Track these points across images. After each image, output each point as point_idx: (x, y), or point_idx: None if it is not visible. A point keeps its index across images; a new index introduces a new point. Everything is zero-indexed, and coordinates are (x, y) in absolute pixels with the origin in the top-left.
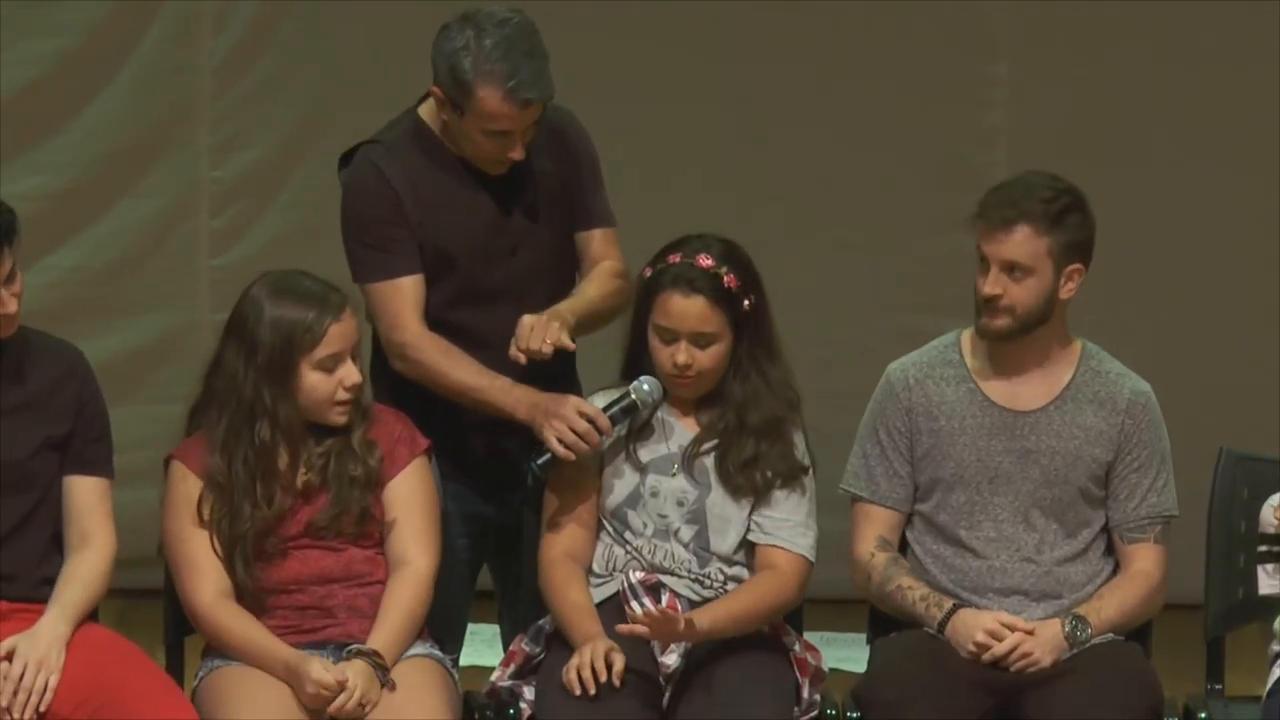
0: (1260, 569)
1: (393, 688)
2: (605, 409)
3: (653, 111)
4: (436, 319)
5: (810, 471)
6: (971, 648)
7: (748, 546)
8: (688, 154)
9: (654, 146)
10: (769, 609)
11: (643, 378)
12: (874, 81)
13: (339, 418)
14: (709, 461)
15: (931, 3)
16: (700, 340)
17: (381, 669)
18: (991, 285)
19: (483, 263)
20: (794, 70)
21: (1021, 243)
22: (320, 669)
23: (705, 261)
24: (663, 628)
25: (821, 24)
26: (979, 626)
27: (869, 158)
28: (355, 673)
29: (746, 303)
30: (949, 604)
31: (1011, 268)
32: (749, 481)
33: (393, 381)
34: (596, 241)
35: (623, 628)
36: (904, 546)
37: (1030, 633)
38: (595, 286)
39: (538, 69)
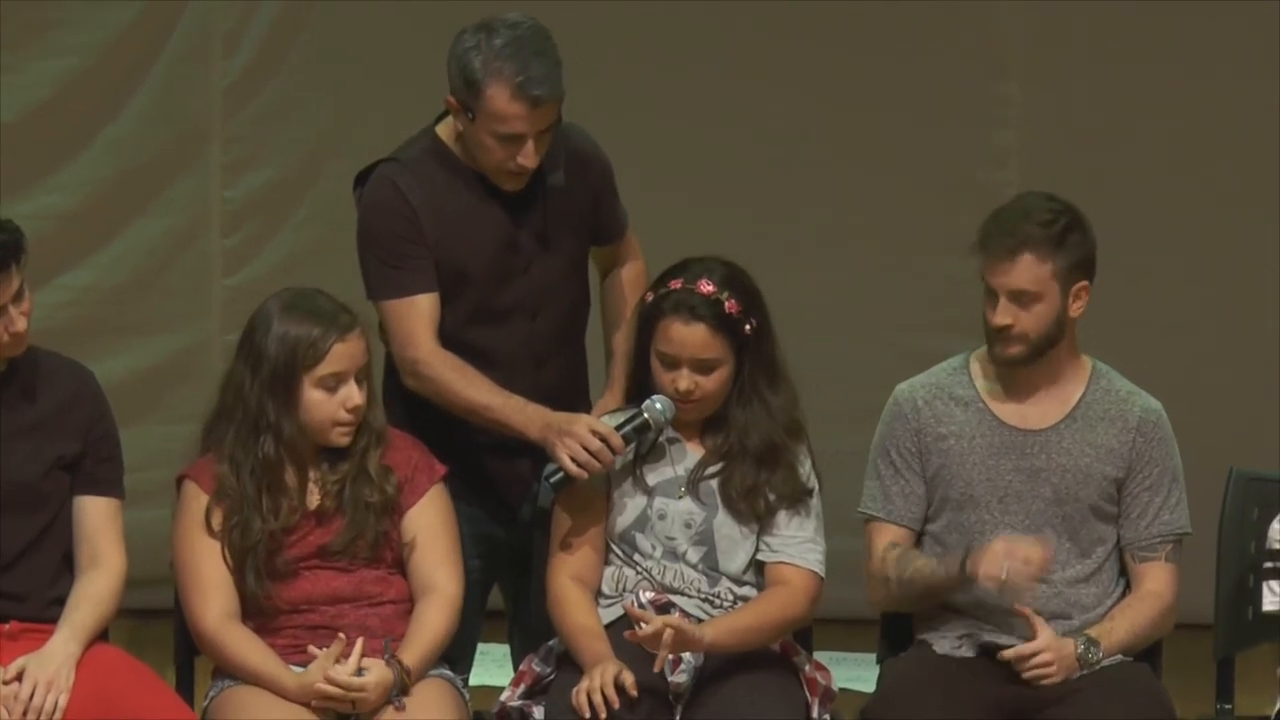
0: (1265, 585)
1: (400, 708)
2: (618, 428)
3: (666, 131)
4: (450, 338)
5: (815, 493)
6: (998, 574)
7: (757, 566)
8: (699, 173)
9: (666, 166)
10: (778, 623)
11: (655, 397)
12: (885, 101)
13: (341, 439)
14: (714, 484)
15: (942, 22)
16: (702, 366)
17: (403, 687)
18: (1001, 316)
19: (496, 281)
20: (805, 90)
21: (1026, 270)
22: (336, 672)
23: (706, 288)
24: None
25: (832, 44)
26: (997, 558)
27: (880, 178)
28: (377, 677)
29: (748, 327)
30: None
31: (1019, 296)
32: (752, 508)
33: (406, 401)
34: (624, 245)
35: (630, 634)
36: None
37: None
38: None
39: (548, 68)
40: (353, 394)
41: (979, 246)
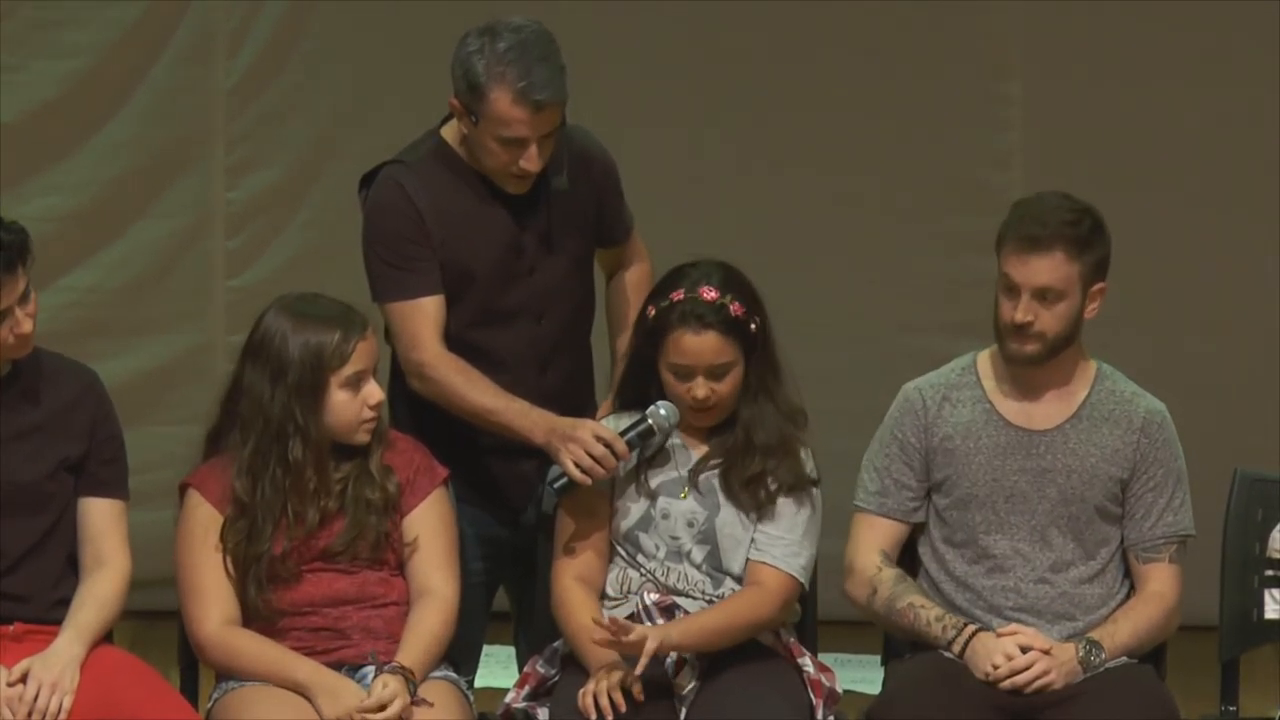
0: (1268, 593)
1: (420, 701)
2: (622, 433)
3: (668, 133)
4: (456, 340)
5: (817, 490)
6: (990, 670)
7: None
8: (701, 175)
9: (668, 168)
10: (746, 625)
11: (659, 403)
12: (887, 102)
13: (365, 436)
14: (716, 481)
15: (943, 23)
16: (716, 373)
17: (413, 685)
18: (1023, 312)
19: (501, 283)
20: (806, 92)
21: (1056, 268)
22: (354, 693)
23: (710, 294)
24: (621, 637)
25: (834, 47)
26: (999, 651)
27: (882, 179)
28: (395, 686)
29: (753, 326)
30: (967, 628)
31: (1044, 293)
32: (753, 497)
33: (411, 403)
34: (629, 246)
35: (598, 637)
36: (915, 565)
37: (1048, 651)
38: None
39: (551, 73)
40: (374, 391)
41: (1003, 239)
